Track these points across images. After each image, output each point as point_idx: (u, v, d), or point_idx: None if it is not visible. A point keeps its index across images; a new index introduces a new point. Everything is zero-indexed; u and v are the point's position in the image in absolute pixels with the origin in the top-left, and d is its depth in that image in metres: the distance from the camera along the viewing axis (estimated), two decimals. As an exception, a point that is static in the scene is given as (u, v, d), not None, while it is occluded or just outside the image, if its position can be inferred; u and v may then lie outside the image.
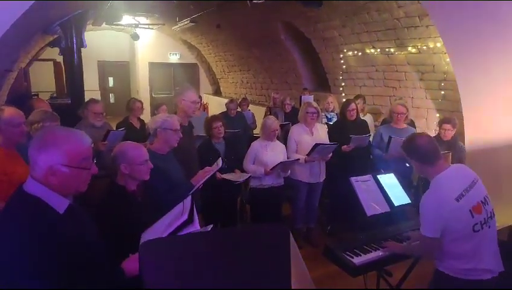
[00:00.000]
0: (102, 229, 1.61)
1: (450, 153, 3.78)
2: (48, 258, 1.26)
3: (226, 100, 6.20)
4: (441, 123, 4.17)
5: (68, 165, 1.38)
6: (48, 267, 1.25)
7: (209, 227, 1.87)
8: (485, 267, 2.02)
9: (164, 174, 2.64)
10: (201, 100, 6.23)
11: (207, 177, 2.86)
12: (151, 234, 1.68)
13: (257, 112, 7.18)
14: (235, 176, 3.75)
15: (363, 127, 4.51)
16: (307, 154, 3.90)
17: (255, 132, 6.21)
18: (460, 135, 4.10)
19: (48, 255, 1.26)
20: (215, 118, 3.99)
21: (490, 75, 3.68)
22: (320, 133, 4.19)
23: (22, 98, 5.98)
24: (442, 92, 5.06)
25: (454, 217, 1.96)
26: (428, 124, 5.36)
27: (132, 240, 1.70)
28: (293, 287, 1.08)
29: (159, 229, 1.65)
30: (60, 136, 1.42)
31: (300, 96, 6.49)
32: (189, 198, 1.72)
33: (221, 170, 3.58)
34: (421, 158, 2.10)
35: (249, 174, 3.76)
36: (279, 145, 3.99)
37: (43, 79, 10.27)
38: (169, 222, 1.64)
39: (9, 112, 2.49)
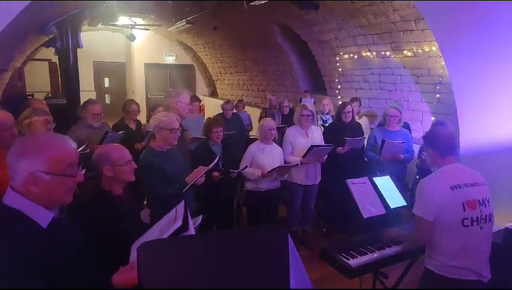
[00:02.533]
0: (88, 235, 1.54)
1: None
2: (28, 276, 1.17)
3: (222, 102, 6.18)
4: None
5: (50, 173, 1.24)
6: (27, 285, 1.17)
7: (199, 218, 1.91)
8: (471, 268, 2.03)
9: (158, 170, 2.75)
10: (200, 103, 6.18)
11: (201, 174, 2.88)
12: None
13: (253, 114, 7.17)
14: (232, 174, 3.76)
15: (357, 129, 4.53)
16: (302, 157, 3.91)
17: (251, 133, 6.21)
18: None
19: (29, 272, 1.17)
20: (217, 122, 3.86)
21: (485, 78, 3.72)
22: (316, 136, 4.21)
23: (16, 98, 5.94)
24: (438, 96, 5.10)
25: (445, 204, 2.00)
26: (424, 127, 5.39)
27: (119, 245, 1.66)
28: (291, 288, 1.08)
29: (151, 238, 1.57)
30: (41, 142, 1.29)
31: (301, 99, 6.49)
32: (182, 204, 1.64)
33: (218, 172, 3.59)
34: (436, 147, 2.19)
35: (246, 165, 3.75)
36: (276, 149, 3.99)
37: (38, 79, 10.18)
38: (161, 229, 1.58)
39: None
